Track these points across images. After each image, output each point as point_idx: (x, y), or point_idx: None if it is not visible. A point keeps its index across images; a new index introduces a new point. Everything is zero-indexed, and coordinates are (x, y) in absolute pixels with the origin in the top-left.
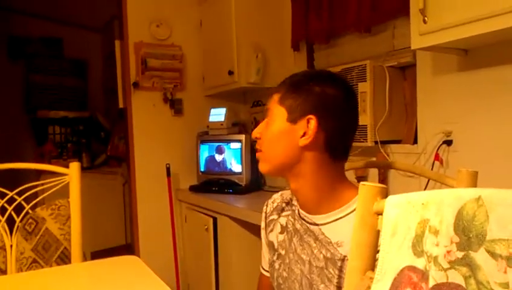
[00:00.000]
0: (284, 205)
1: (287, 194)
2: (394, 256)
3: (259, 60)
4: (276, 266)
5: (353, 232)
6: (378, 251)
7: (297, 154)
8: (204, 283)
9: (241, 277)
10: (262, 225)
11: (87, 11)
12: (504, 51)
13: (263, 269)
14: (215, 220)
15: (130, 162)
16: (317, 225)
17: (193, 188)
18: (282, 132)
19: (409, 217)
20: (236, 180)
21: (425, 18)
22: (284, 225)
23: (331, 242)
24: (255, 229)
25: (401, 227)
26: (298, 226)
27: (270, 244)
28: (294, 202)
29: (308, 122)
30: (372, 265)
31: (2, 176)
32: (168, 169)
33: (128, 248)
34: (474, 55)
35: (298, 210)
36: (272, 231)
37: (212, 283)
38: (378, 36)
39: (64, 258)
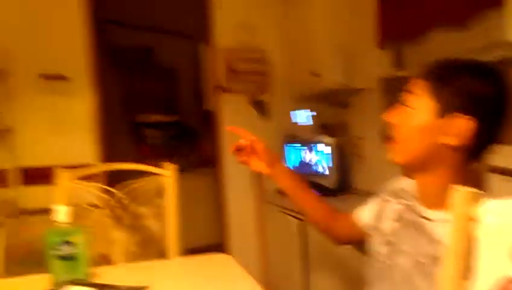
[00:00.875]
0: (399, 190)
1: (406, 182)
2: (491, 264)
3: (344, 60)
4: (384, 250)
5: (449, 238)
6: (473, 259)
7: (437, 152)
8: (294, 284)
9: (332, 281)
10: (380, 194)
11: (177, 19)
12: None
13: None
14: (301, 222)
15: (220, 163)
16: (430, 220)
17: (281, 190)
18: (428, 126)
19: (508, 224)
20: (323, 183)
21: None
22: (397, 212)
23: (440, 241)
24: None
25: (500, 234)
26: (409, 217)
27: (378, 228)
28: (411, 191)
29: (459, 121)
30: (466, 273)
31: (108, 175)
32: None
33: (219, 247)
34: None
35: (415, 203)
36: (385, 214)
37: (302, 285)
38: (473, 30)
39: (163, 253)
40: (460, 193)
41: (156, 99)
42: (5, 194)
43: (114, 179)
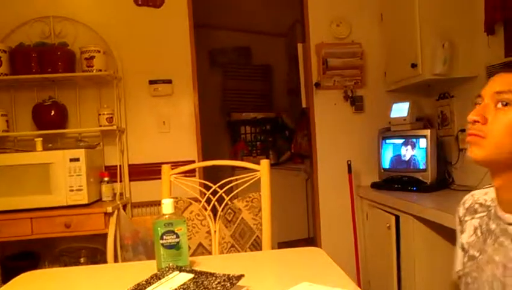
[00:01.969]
0: (476, 205)
1: (479, 194)
2: None
3: (446, 49)
4: (467, 267)
5: None
6: None
7: None
8: (386, 281)
9: (425, 277)
10: (457, 229)
11: (272, 19)
12: None
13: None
14: (397, 218)
15: (313, 158)
16: None
17: (375, 185)
18: None
19: None
20: (421, 178)
21: None
22: (477, 225)
23: None
24: (441, 230)
25: None
26: (493, 226)
27: (462, 247)
28: (490, 202)
29: None
30: None
31: (206, 171)
32: (349, 166)
33: (311, 241)
34: None
35: (495, 209)
36: (463, 233)
37: (394, 282)
38: None
39: (256, 246)
40: None
41: (252, 96)
42: (118, 188)
43: (212, 174)
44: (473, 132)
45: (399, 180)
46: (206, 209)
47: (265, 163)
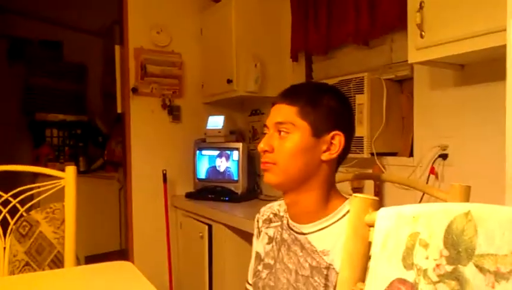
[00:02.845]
0: (272, 216)
1: (275, 205)
2: (384, 268)
3: (258, 69)
4: (263, 275)
5: (344, 243)
6: (369, 262)
7: (316, 168)
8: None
9: (235, 285)
10: (254, 239)
11: (88, 15)
12: (499, 67)
13: (248, 283)
14: (210, 227)
15: (127, 167)
16: (304, 234)
17: (189, 195)
18: (306, 146)
19: (400, 230)
20: (233, 188)
21: (422, 33)
22: (272, 235)
23: (316, 251)
24: (249, 238)
25: (392, 239)
26: (286, 236)
27: (257, 255)
28: (283, 213)
29: (333, 137)
30: (363, 276)
31: None
32: (164, 175)
33: (123, 254)
34: (470, 70)
35: (288, 220)
36: (259, 241)
37: None
38: (376, 49)
39: (57, 262)
40: (358, 199)
41: (63, 97)
42: None
43: (6, 181)
44: (265, 160)
45: (213, 191)
46: None
47: (70, 170)
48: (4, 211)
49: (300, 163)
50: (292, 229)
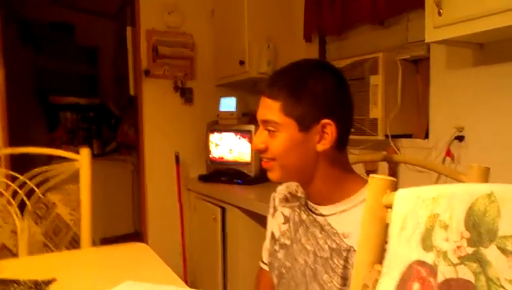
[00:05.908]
0: (288, 195)
1: (293, 185)
2: (403, 250)
3: (271, 51)
4: (279, 255)
5: (362, 224)
6: (386, 244)
7: (314, 158)
8: (211, 272)
9: (248, 267)
10: (269, 217)
11: None
12: None
13: (263, 262)
14: (223, 210)
15: (140, 149)
16: (323, 215)
17: (202, 178)
18: (297, 142)
19: (419, 211)
20: (246, 171)
21: (441, 10)
22: (288, 215)
23: (337, 233)
24: (262, 220)
25: (411, 221)
26: (304, 216)
27: (272, 235)
28: (300, 193)
29: (324, 126)
30: (380, 258)
31: (14, 160)
32: (177, 157)
33: (137, 236)
34: (489, 49)
35: (306, 201)
36: (275, 220)
37: (219, 273)
38: (392, 29)
39: (74, 243)
40: (375, 180)
41: (75, 80)
42: None
43: (23, 164)
44: (263, 159)
45: (225, 173)
46: (11, 205)
47: (85, 152)
48: (21, 192)
49: (295, 158)
50: (311, 210)
